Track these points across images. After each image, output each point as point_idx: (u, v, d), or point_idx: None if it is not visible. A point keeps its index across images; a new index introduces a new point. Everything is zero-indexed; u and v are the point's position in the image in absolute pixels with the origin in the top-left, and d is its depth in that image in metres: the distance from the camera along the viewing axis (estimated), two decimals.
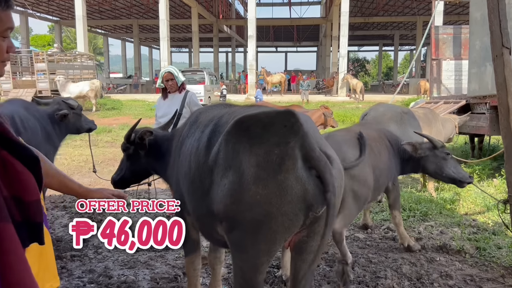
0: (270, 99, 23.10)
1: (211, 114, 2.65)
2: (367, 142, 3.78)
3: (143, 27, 44.32)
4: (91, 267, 3.84)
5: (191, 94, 4.76)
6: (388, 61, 60.59)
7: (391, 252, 4.30)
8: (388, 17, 39.03)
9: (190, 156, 2.45)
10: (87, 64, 24.46)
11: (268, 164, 1.90)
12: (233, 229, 2.05)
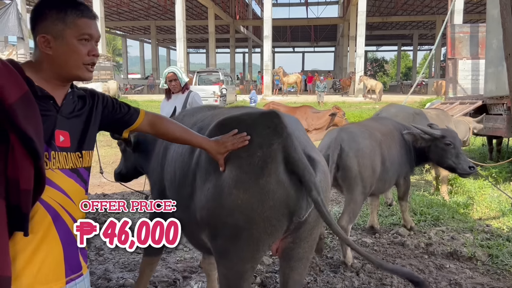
0: (286, 99, 22.99)
1: (195, 117, 2.59)
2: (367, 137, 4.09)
3: (161, 28, 44.71)
4: (91, 269, 3.81)
5: (194, 94, 4.72)
6: (407, 61, 59.76)
7: (399, 258, 4.16)
8: (407, 17, 38.45)
9: (175, 162, 2.39)
10: (105, 65, 24.80)
11: (250, 167, 1.85)
12: (216, 236, 2.00)
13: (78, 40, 1.61)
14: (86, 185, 1.73)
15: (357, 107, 20.48)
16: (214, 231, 2.00)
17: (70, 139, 1.65)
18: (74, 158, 1.66)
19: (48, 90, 1.61)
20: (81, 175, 1.68)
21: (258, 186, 1.83)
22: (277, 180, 1.83)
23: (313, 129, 8.66)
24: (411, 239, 4.59)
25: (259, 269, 3.79)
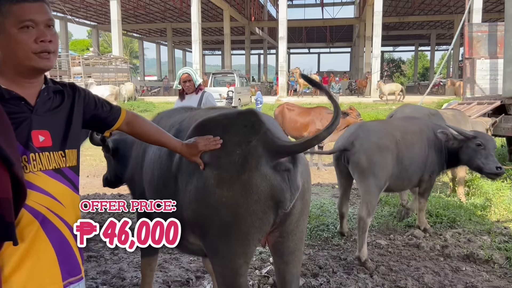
0: (301, 100, 22.91)
1: (172, 119, 2.61)
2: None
3: (177, 30, 45.06)
4: (106, 268, 3.86)
5: (207, 94, 4.73)
6: (425, 61, 58.99)
7: (414, 260, 4.11)
8: (424, 16, 38.01)
9: (153, 164, 2.41)
10: (122, 67, 25.11)
11: (231, 165, 1.88)
12: (206, 235, 2.02)
13: (19, 29, 1.47)
14: (74, 186, 1.67)
15: (373, 108, 20.31)
16: (202, 230, 2.02)
17: (52, 138, 1.58)
18: (57, 158, 1.59)
19: (17, 90, 1.52)
20: (66, 175, 1.61)
21: (241, 182, 1.86)
22: (260, 173, 1.87)
23: None
24: (426, 241, 4.53)
25: (271, 270, 3.78)
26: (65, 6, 30.08)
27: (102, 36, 46.96)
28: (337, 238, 4.62)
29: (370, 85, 25.92)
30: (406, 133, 4.39)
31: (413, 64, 54.85)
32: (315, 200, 6.18)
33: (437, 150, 4.46)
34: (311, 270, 3.77)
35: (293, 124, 8.98)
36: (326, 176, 8.07)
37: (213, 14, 38.54)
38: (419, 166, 4.39)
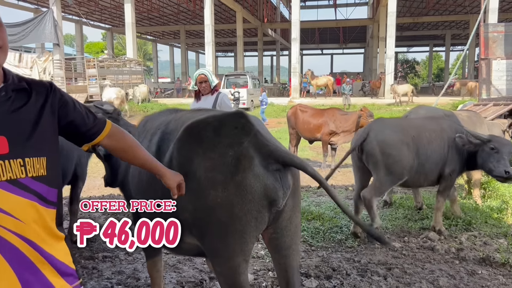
0: (314, 102, 22.83)
1: (157, 122, 2.64)
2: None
3: (190, 32, 45.29)
4: (120, 269, 3.90)
5: (223, 95, 4.74)
6: (439, 62, 58.33)
7: (429, 263, 4.07)
8: (439, 16, 37.58)
9: (139, 172, 2.43)
10: (136, 69, 25.34)
11: (224, 167, 1.93)
12: (203, 236, 2.07)
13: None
14: (42, 198, 1.46)
15: (386, 109, 20.15)
16: (200, 231, 2.06)
17: (9, 143, 1.38)
18: (14, 167, 1.38)
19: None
20: (26, 187, 1.41)
21: (235, 183, 1.91)
22: (253, 174, 1.93)
23: (341, 131, 8.58)
24: (441, 243, 4.48)
25: None
26: (80, 10, 30.47)
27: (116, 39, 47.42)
28: (351, 240, 4.60)
29: (384, 86, 25.71)
30: (424, 131, 4.58)
31: (427, 64, 54.27)
32: (328, 202, 6.16)
33: (457, 150, 4.56)
34: (324, 272, 3.76)
35: (306, 126, 8.95)
36: (339, 177, 8.03)
37: (226, 16, 38.65)
38: (436, 163, 4.55)
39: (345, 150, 11.22)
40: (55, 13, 25.87)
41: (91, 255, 4.16)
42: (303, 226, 4.94)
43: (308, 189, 7.05)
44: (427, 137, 4.55)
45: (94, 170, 8.41)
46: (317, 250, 4.36)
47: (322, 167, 8.80)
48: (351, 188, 7.13)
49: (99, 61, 23.15)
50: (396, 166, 4.41)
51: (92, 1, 31.68)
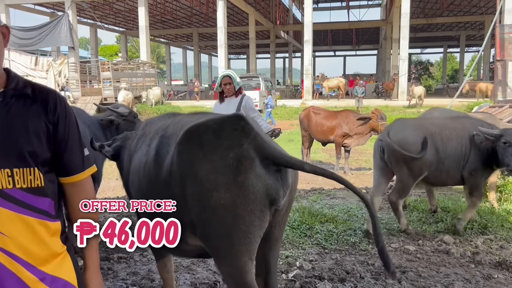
0: (327, 104, 22.76)
1: (156, 126, 2.68)
2: None
3: (203, 35, 45.54)
4: (135, 270, 3.94)
5: (247, 98, 4.73)
6: (454, 63, 57.67)
7: (444, 267, 4.03)
8: (453, 17, 37.16)
9: (139, 171, 2.49)
10: (149, 72, 25.56)
11: (225, 169, 1.96)
12: (208, 237, 2.10)
13: None
14: (34, 209, 1.40)
15: (400, 111, 19.99)
16: (205, 232, 2.09)
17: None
18: (0, 177, 1.33)
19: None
20: (14, 198, 1.35)
21: (238, 184, 1.95)
22: (255, 174, 1.97)
23: (354, 134, 8.54)
24: (456, 247, 4.44)
25: (298, 274, 3.79)
26: (95, 13, 30.88)
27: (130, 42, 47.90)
28: (365, 243, 4.58)
29: (398, 88, 25.52)
30: (445, 128, 4.68)
31: (441, 66, 53.69)
32: (341, 204, 6.14)
33: (478, 149, 4.59)
34: (338, 275, 3.76)
35: (319, 128, 8.94)
36: (352, 180, 7.99)
37: (239, 18, 38.77)
38: (457, 161, 4.62)
39: (359, 152, 11.20)
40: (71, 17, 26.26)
41: (106, 256, 4.21)
42: (317, 228, 4.93)
43: (321, 192, 7.03)
44: (447, 134, 4.64)
45: (108, 171, 8.50)
46: (331, 252, 4.35)
47: (335, 169, 8.77)
48: (364, 191, 7.09)
49: (113, 64, 23.42)
50: (415, 163, 4.55)
51: (107, 5, 32.05)
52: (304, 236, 4.77)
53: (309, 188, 7.29)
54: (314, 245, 4.54)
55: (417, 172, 4.61)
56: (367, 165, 9.63)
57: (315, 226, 4.99)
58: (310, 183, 7.71)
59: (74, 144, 1.51)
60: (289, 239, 4.65)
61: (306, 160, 9.12)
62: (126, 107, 5.04)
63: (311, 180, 8.00)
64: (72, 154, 1.50)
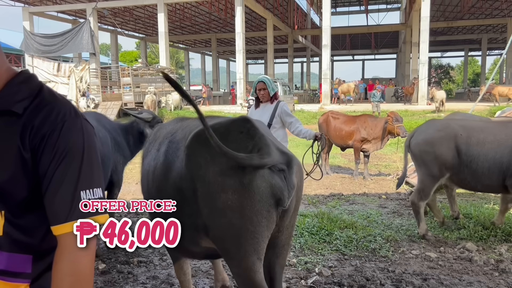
0: (345, 108, 22.60)
1: (165, 130, 2.77)
2: None
3: (221, 40, 45.83)
4: (155, 274, 3.98)
5: (283, 104, 4.69)
6: (475, 67, 56.66)
7: (466, 275, 3.95)
8: (475, 20, 36.56)
9: (148, 175, 2.59)
10: None
11: (232, 171, 2.02)
12: (218, 238, 2.17)
13: None
14: None
15: (420, 116, 19.71)
16: (214, 233, 2.16)
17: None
18: None
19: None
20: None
21: (243, 185, 2.02)
22: (259, 176, 2.03)
23: (372, 138, 8.46)
24: (479, 254, 4.35)
25: (317, 281, 3.76)
26: (115, 20, 31.41)
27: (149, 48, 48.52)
28: (385, 250, 4.52)
29: (417, 92, 25.18)
30: (479, 132, 4.50)
31: (462, 70, 52.81)
32: (361, 210, 6.08)
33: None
34: (358, 282, 3.72)
35: (338, 133, 8.88)
36: (372, 186, 7.92)
37: (257, 23, 38.90)
38: (489, 167, 4.39)
39: (378, 157, 11.09)
40: (92, 24, 26.78)
41: (126, 260, 4.26)
42: (336, 234, 4.89)
43: (340, 197, 6.98)
44: (479, 138, 4.46)
45: (128, 176, 8.61)
46: (350, 259, 4.31)
47: (354, 174, 8.70)
48: (384, 196, 7.02)
49: (133, 69, 23.73)
50: (434, 163, 4.57)
51: (127, 12, 32.57)
52: (323, 242, 4.74)
53: (328, 194, 7.24)
54: (333, 251, 4.51)
55: (436, 173, 4.60)
56: (386, 170, 9.52)
57: (334, 232, 4.95)
58: (329, 189, 7.66)
59: (63, 184, 1.10)
60: (308, 245, 4.62)
61: (325, 166, 9.07)
62: (151, 112, 5.09)
63: (330, 185, 7.96)
64: (55, 197, 1.09)
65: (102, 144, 3.96)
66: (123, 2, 28.02)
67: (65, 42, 27.53)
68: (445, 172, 4.59)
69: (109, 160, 4.11)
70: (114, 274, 3.95)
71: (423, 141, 4.70)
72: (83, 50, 28.00)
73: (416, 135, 4.83)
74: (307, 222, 5.20)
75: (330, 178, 8.62)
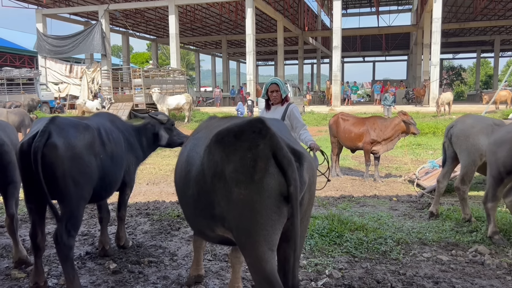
0: (356, 110, 22.50)
1: (197, 128, 3.12)
2: None
3: (231, 42, 45.97)
4: (165, 274, 3.99)
5: (293, 106, 4.67)
6: (488, 68, 56.10)
7: (479, 278, 3.90)
8: (487, 22, 36.21)
9: (176, 169, 2.95)
10: (179, 79, 25.94)
11: (244, 168, 2.20)
12: (233, 228, 2.33)
13: None
14: None
15: (432, 118, 19.56)
16: (230, 224, 2.34)
17: None
18: None
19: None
20: None
21: (254, 182, 2.18)
22: (269, 173, 2.18)
23: (382, 140, 8.41)
24: (492, 258, 4.29)
25: (327, 282, 3.75)
26: (127, 22, 31.70)
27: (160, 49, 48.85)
28: (396, 252, 4.49)
29: (429, 94, 24.99)
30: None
31: (474, 71, 52.28)
32: (371, 212, 6.05)
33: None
34: (368, 284, 3.70)
35: (347, 135, 8.84)
36: (383, 188, 7.87)
37: (267, 25, 38.95)
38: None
39: (389, 159, 11.02)
40: (104, 26, 27.03)
41: (137, 260, 4.29)
42: (346, 236, 4.87)
43: (350, 199, 6.95)
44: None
45: (139, 176, 8.68)
46: (361, 261, 4.29)
47: (365, 176, 8.65)
48: (395, 198, 6.98)
49: (144, 71, 23.87)
50: (474, 149, 5.11)
51: (138, 13, 32.82)
52: (334, 244, 4.72)
53: (338, 196, 7.22)
54: (343, 253, 4.49)
55: (476, 159, 5.14)
56: (397, 172, 9.46)
57: (344, 234, 4.93)
58: (339, 190, 7.63)
59: None
60: (318, 247, 4.61)
61: (335, 168, 9.03)
62: (165, 114, 5.13)
63: (340, 187, 7.92)
64: None
65: (115, 144, 3.99)
66: (134, 4, 28.26)
67: (76, 43, 27.86)
68: (482, 158, 5.06)
69: (122, 161, 4.13)
70: (125, 274, 3.97)
71: (465, 128, 5.25)
72: (94, 51, 28.28)
73: (458, 124, 5.39)
74: (317, 224, 5.18)
75: (340, 180, 8.58)
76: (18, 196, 4.23)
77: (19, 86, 24.55)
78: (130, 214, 5.99)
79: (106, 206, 4.58)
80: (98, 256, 4.42)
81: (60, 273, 3.91)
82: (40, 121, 3.54)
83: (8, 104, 18.35)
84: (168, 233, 5.18)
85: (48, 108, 24.35)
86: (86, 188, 3.52)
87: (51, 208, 3.28)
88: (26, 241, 4.67)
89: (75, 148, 3.38)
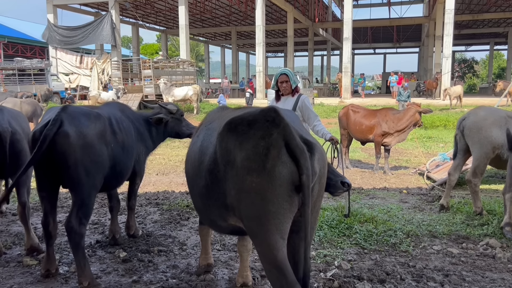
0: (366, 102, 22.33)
1: (208, 118, 3.12)
2: None
3: (241, 33, 45.77)
4: (175, 263, 4.02)
5: (304, 97, 4.64)
6: (501, 61, 55.23)
7: (490, 272, 3.87)
8: (501, 13, 35.53)
9: (188, 159, 2.97)
10: (188, 70, 25.93)
11: (257, 156, 2.19)
12: (244, 217, 2.33)
13: None
14: None
15: (443, 111, 19.36)
16: (241, 213, 2.33)
17: None
18: None
19: None
20: None
21: (266, 170, 2.18)
22: (281, 162, 2.18)
23: (394, 131, 8.34)
24: (503, 251, 4.26)
25: (336, 274, 3.75)
26: (137, 13, 31.66)
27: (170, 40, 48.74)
28: (405, 244, 4.47)
29: (440, 86, 24.69)
30: None
31: (487, 64, 51.53)
32: (381, 204, 6.02)
33: None
34: (377, 276, 3.69)
35: (358, 127, 8.78)
36: (392, 180, 7.82)
37: (277, 16, 38.68)
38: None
39: (399, 152, 10.94)
40: (114, 16, 27.04)
41: (147, 249, 4.32)
42: (356, 228, 4.86)
43: (360, 191, 6.92)
44: None
45: (149, 166, 8.73)
46: (370, 253, 4.28)
47: (375, 169, 8.61)
48: (405, 191, 6.93)
49: (154, 62, 23.91)
50: (486, 141, 5.08)
51: (148, 4, 32.78)
52: (343, 236, 4.71)
53: None
54: (353, 245, 4.48)
55: (488, 151, 5.10)
56: (407, 164, 9.40)
57: (354, 226, 4.92)
58: None
59: None
60: (327, 238, 4.60)
61: (345, 160, 9.00)
62: (175, 105, 5.13)
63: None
64: None
65: (126, 134, 4.01)
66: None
67: (86, 34, 27.91)
68: (495, 150, 5.07)
69: (132, 150, 4.15)
70: (135, 263, 4.01)
71: (476, 121, 5.21)
72: (104, 41, 28.31)
73: (470, 116, 5.38)
74: (326, 216, 5.18)
75: (350, 172, 8.55)
76: (29, 184, 4.28)
77: (30, 76, 24.74)
78: (140, 203, 6.03)
79: (116, 196, 4.62)
80: (108, 245, 4.46)
81: (71, 261, 3.96)
82: (51, 110, 3.57)
83: (19, 94, 18.51)
84: (177, 223, 5.21)
85: (58, 98, 24.52)
86: (97, 177, 3.54)
87: None
88: (38, 229, 4.73)
89: (87, 136, 3.40)
